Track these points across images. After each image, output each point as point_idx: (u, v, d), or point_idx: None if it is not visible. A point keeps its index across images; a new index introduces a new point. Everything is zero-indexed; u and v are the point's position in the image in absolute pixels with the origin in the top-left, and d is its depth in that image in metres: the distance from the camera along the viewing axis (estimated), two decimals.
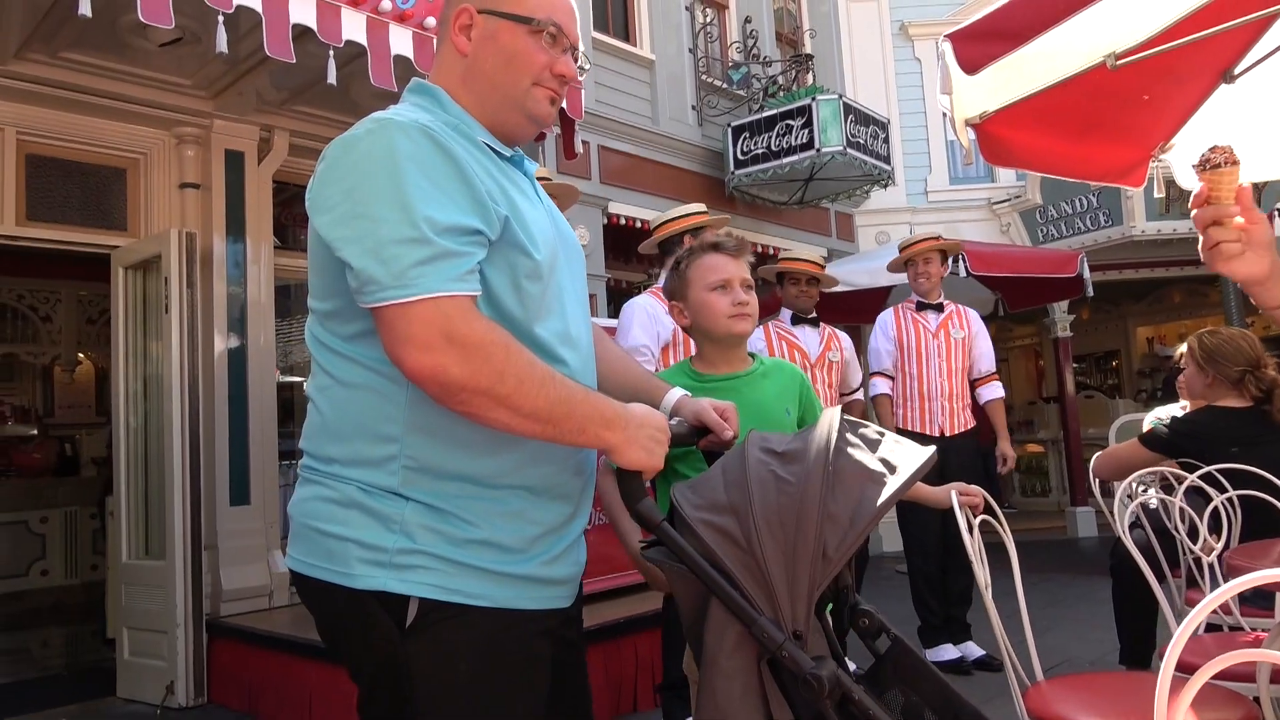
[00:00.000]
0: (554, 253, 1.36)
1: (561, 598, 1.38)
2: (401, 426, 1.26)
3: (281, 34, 3.26)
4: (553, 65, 1.39)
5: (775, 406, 2.00)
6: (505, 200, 1.29)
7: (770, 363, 2.11)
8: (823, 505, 1.27)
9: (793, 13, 9.26)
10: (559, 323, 1.36)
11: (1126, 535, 2.53)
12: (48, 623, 6.57)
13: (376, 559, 1.24)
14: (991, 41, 2.38)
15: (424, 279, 1.17)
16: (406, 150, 1.22)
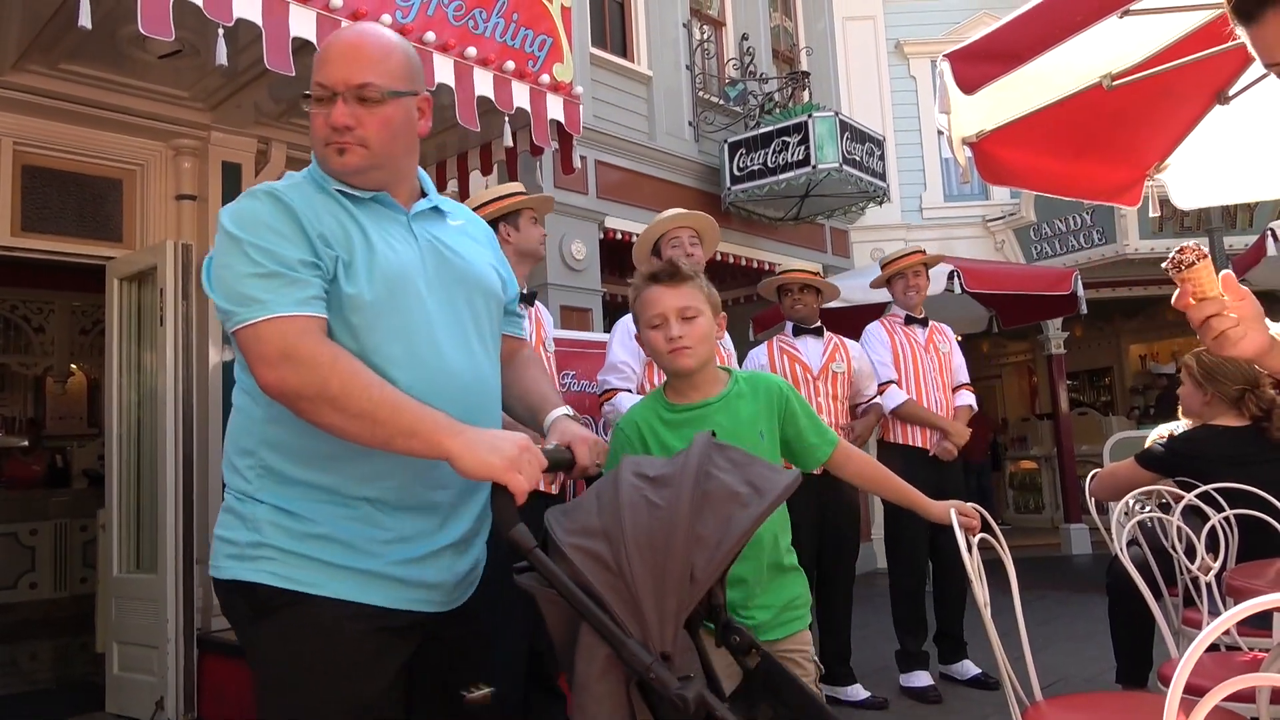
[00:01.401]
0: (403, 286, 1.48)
1: (426, 601, 1.50)
2: (256, 440, 1.48)
3: (281, 46, 3.26)
4: (328, 120, 1.47)
5: (748, 430, 1.94)
6: (344, 241, 1.46)
7: (748, 381, 2.03)
8: (690, 528, 1.31)
9: (789, 30, 9.32)
10: (397, 348, 1.47)
11: (1124, 553, 2.53)
12: (37, 636, 6.51)
13: (233, 553, 1.45)
14: (990, 62, 2.39)
15: (266, 303, 1.37)
16: (249, 211, 1.44)
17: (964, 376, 4.57)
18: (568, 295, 6.33)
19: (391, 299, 1.47)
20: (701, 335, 1.92)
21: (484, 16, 3.96)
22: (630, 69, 7.34)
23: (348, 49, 1.50)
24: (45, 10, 3.55)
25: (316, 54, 1.53)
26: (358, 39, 1.52)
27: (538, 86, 4.17)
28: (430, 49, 3.71)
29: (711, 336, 1.96)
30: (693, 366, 1.94)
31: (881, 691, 4.22)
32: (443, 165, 5.21)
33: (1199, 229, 7.69)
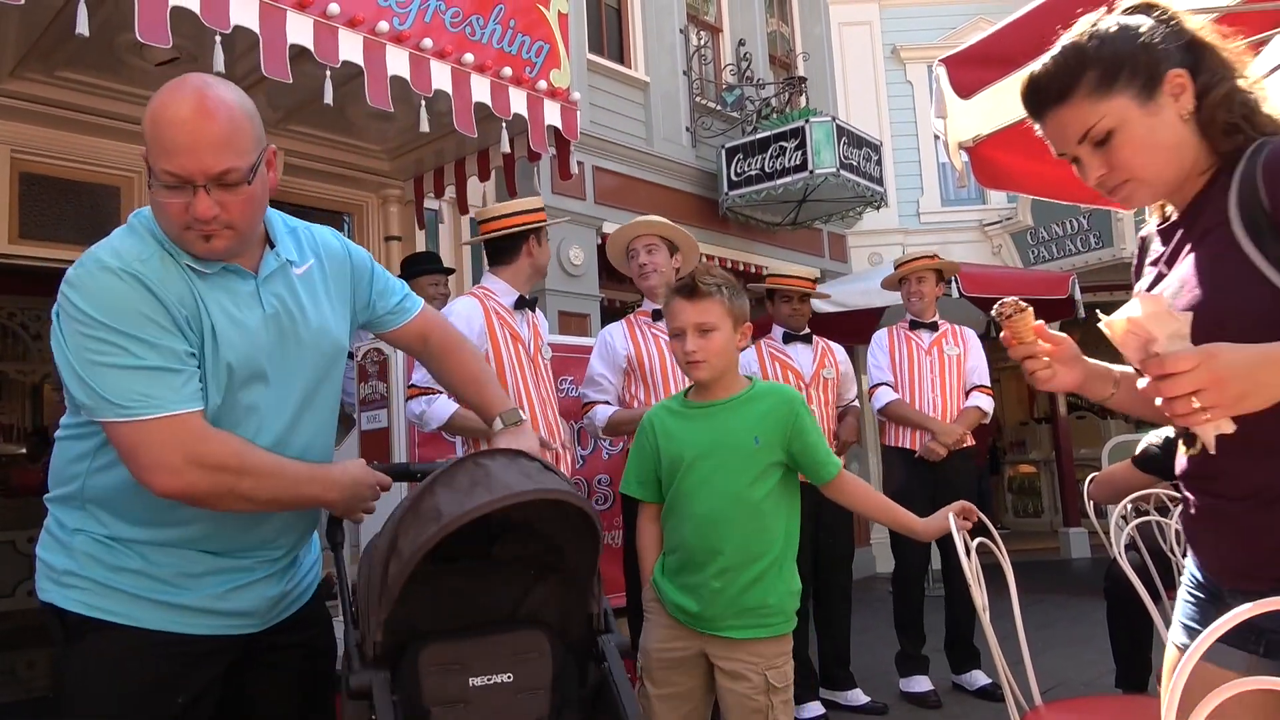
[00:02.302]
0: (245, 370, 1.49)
1: (238, 626, 1.56)
2: (81, 483, 1.49)
3: (279, 54, 3.27)
4: (190, 210, 1.40)
5: (742, 434, 2.06)
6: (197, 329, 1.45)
7: (763, 389, 2.14)
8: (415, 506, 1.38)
9: (786, 36, 9.34)
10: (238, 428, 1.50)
11: (1122, 556, 2.53)
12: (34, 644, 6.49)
13: (52, 577, 1.49)
14: (985, 66, 2.40)
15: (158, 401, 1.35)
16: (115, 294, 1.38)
17: (979, 379, 4.50)
18: (566, 301, 6.34)
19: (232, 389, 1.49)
20: (717, 349, 2.06)
21: (481, 23, 3.97)
22: (627, 75, 7.35)
23: (198, 134, 1.38)
24: (43, 17, 3.56)
25: (155, 132, 1.42)
26: (209, 122, 1.39)
27: (535, 92, 4.18)
28: (427, 55, 3.72)
29: (729, 349, 2.08)
30: (705, 378, 2.10)
31: (882, 696, 4.21)
32: (440, 171, 5.22)
33: None
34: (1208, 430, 1.00)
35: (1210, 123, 1.24)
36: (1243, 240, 1.17)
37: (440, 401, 2.90)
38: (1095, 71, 1.24)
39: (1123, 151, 1.24)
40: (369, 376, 3.69)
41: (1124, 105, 1.23)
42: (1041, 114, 1.30)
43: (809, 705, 3.92)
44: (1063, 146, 1.30)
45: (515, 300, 3.12)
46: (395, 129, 4.84)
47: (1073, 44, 1.28)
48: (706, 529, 2.06)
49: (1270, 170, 1.15)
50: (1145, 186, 1.27)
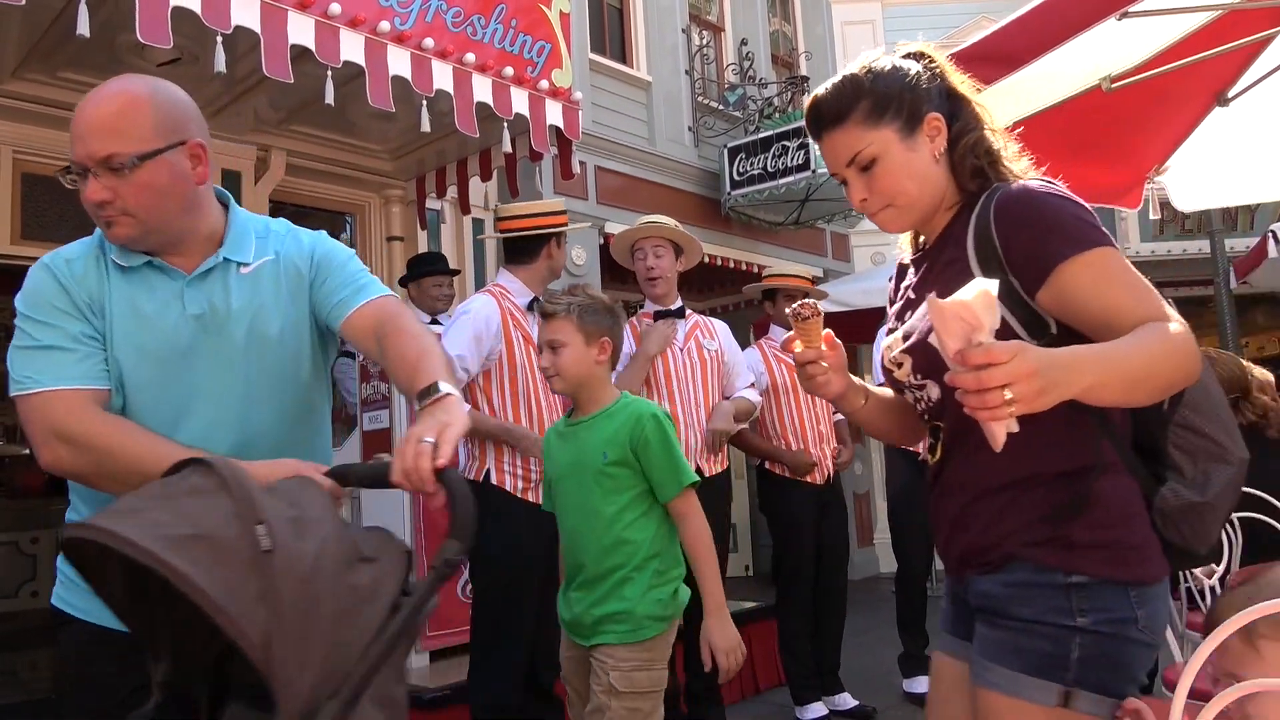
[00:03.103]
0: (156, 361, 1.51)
1: None
2: None
3: (280, 54, 3.26)
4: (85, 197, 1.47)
5: (594, 451, 2.17)
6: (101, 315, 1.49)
7: (621, 406, 2.23)
8: None
9: (788, 35, 9.33)
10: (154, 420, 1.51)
11: None
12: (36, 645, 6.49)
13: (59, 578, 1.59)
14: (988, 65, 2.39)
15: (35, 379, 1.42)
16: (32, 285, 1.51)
17: None
18: None
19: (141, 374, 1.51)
20: (566, 364, 2.18)
21: (483, 23, 3.96)
22: (629, 74, 7.34)
23: (90, 121, 1.44)
24: (44, 18, 3.56)
25: None
26: (98, 108, 1.45)
27: (536, 92, 4.17)
28: (429, 55, 3.71)
29: (581, 363, 2.19)
30: (560, 390, 2.26)
31: (885, 697, 4.20)
32: (442, 172, 5.21)
33: (1200, 231, 7.69)
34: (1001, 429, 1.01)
35: (960, 165, 1.40)
36: (977, 274, 1.29)
37: None
38: (867, 102, 1.36)
39: (883, 179, 1.37)
40: (370, 377, 3.69)
41: (888, 137, 1.36)
42: (820, 133, 1.42)
43: (812, 706, 3.91)
44: (834, 166, 1.43)
45: (529, 301, 3.11)
46: (397, 129, 4.84)
47: (852, 75, 1.40)
48: (571, 543, 2.23)
49: (1000, 214, 1.30)
50: (900, 214, 1.41)
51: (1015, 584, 1.26)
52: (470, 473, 2.91)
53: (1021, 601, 1.24)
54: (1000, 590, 1.27)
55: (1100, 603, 1.21)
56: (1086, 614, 1.20)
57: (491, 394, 3.00)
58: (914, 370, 1.41)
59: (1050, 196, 1.29)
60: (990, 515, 1.30)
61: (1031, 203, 1.29)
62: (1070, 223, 1.25)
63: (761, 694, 4.31)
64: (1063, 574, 1.22)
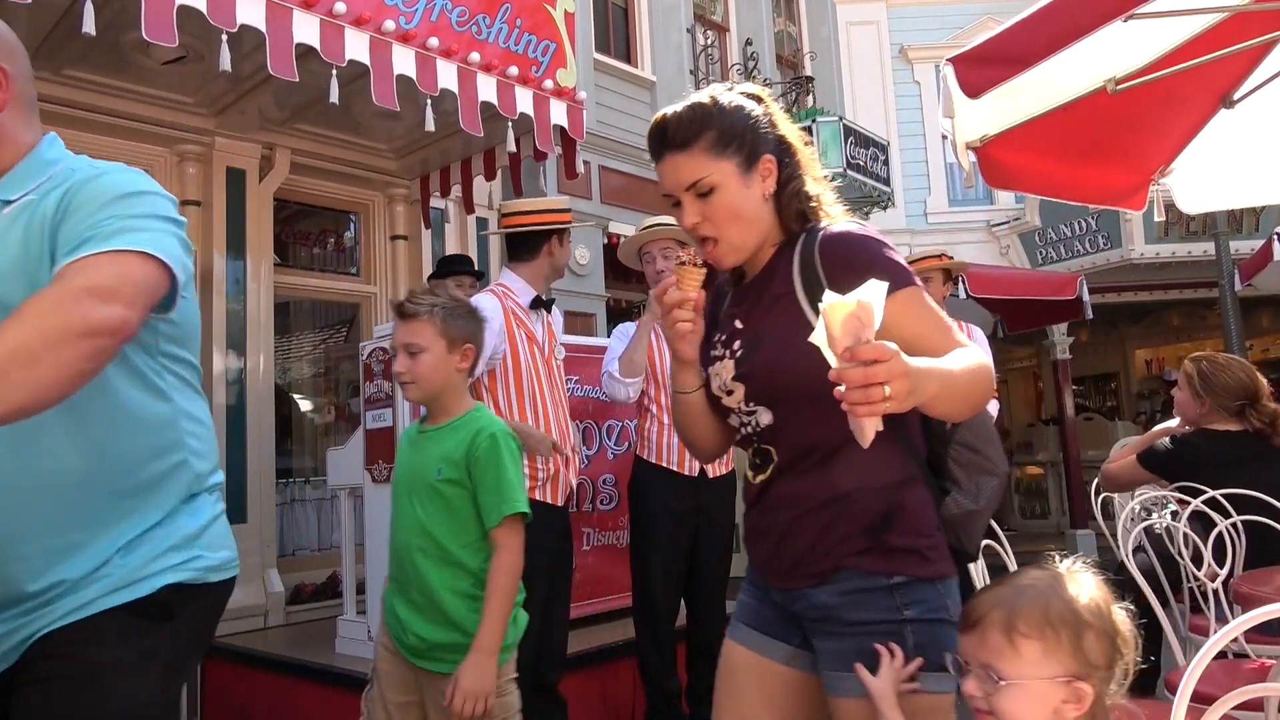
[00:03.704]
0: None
1: None
2: None
3: (285, 53, 3.27)
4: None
5: (432, 464, 2.05)
6: None
7: (469, 419, 2.08)
8: None
9: (793, 36, 9.32)
10: None
11: (1130, 559, 2.52)
12: None
13: None
14: (993, 66, 2.39)
15: None
16: None
17: None
18: (571, 301, 6.34)
19: None
20: (424, 371, 2.03)
21: (487, 22, 3.97)
22: (634, 74, 7.34)
23: None
24: (49, 17, 3.57)
25: None
26: None
27: (541, 92, 4.17)
28: (434, 55, 3.72)
29: (440, 370, 2.05)
30: (414, 398, 2.11)
31: None
32: (446, 171, 5.22)
33: (1205, 233, 7.67)
34: (872, 426, 1.07)
35: (787, 207, 1.49)
36: (805, 309, 1.41)
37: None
38: (714, 133, 1.43)
39: (719, 209, 1.43)
40: (374, 375, 3.69)
41: (729, 170, 1.43)
42: (662, 151, 1.47)
43: None
44: (671, 187, 1.47)
45: (532, 300, 3.11)
46: (401, 128, 4.85)
47: (703, 104, 1.45)
48: (399, 557, 2.08)
49: (825, 252, 1.41)
50: (732, 250, 1.47)
51: (848, 592, 1.39)
52: None
53: (856, 607, 1.38)
54: (836, 600, 1.40)
55: (919, 596, 1.38)
56: (910, 607, 1.37)
57: (497, 393, 3.00)
58: (746, 398, 1.47)
59: (868, 239, 1.43)
60: (819, 528, 1.42)
61: (853, 243, 1.42)
62: (888, 262, 1.39)
63: None
64: (885, 577, 1.38)
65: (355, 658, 3.67)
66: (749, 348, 1.47)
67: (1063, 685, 1.03)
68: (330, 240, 5.75)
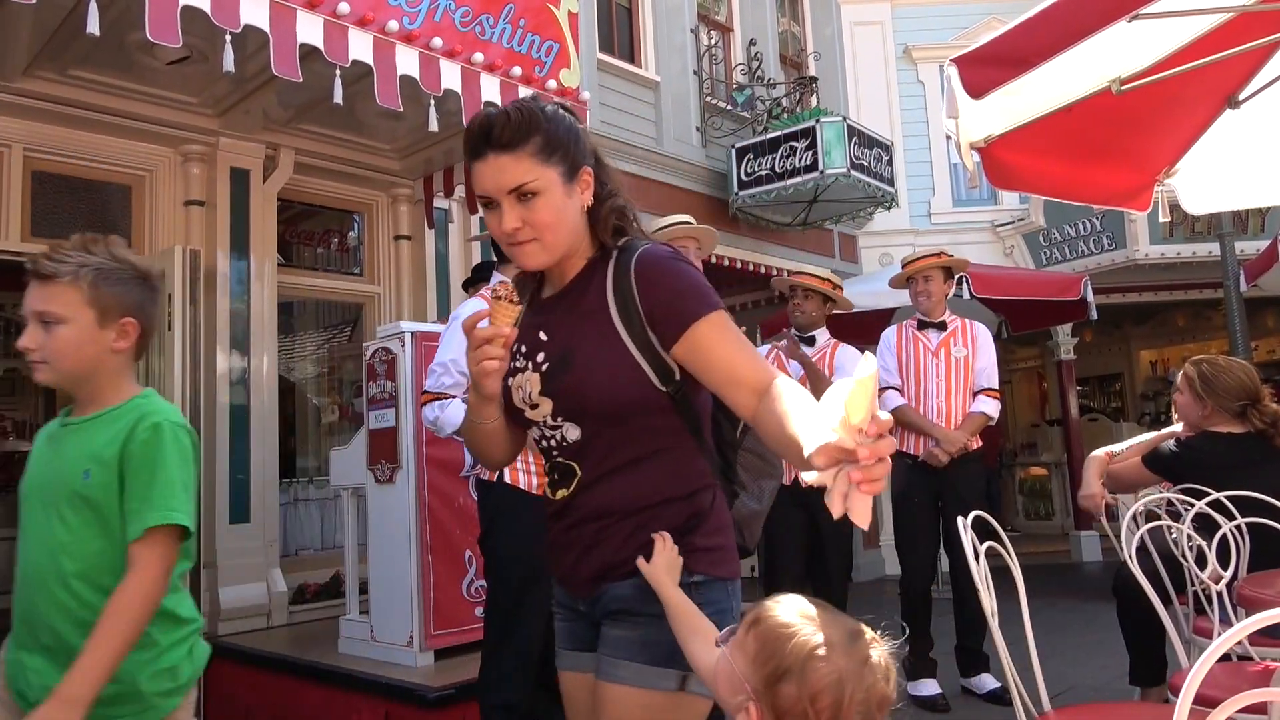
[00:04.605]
0: None
1: None
2: None
3: (288, 53, 3.27)
4: None
5: (77, 464, 1.61)
6: None
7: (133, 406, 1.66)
8: None
9: (797, 36, 9.31)
10: None
11: (1132, 560, 2.51)
12: None
13: None
14: (997, 66, 2.38)
15: None
16: None
17: (987, 381, 4.37)
18: None
19: None
20: (61, 348, 1.61)
21: (491, 22, 3.97)
22: (638, 74, 7.34)
23: None
24: (54, 17, 3.58)
25: None
26: None
27: (544, 92, 4.18)
28: (437, 54, 3.72)
29: (84, 349, 1.62)
30: (46, 381, 1.66)
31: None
32: (450, 171, 5.22)
33: (1210, 234, 7.65)
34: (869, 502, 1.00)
35: (602, 221, 1.48)
36: (619, 326, 1.42)
37: (454, 406, 2.84)
38: (541, 139, 1.40)
39: (541, 214, 1.40)
40: (377, 375, 3.69)
41: (554, 177, 1.41)
42: (484, 151, 1.41)
43: None
44: (491, 188, 1.41)
45: None
46: (405, 128, 4.85)
47: (530, 109, 1.42)
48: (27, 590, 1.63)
49: (641, 274, 1.42)
50: (545, 251, 1.44)
51: (648, 585, 1.41)
52: (484, 474, 2.90)
53: (653, 600, 1.39)
54: (634, 591, 1.42)
55: (712, 596, 1.42)
56: (704, 607, 1.38)
57: None
58: (554, 414, 1.47)
59: (681, 263, 1.45)
60: (627, 533, 1.44)
61: (668, 267, 1.43)
62: (700, 287, 1.42)
63: None
64: (687, 574, 1.41)
65: (358, 658, 3.68)
66: (558, 364, 1.46)
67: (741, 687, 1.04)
68: (334, 240, 5.75)
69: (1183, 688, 0.91)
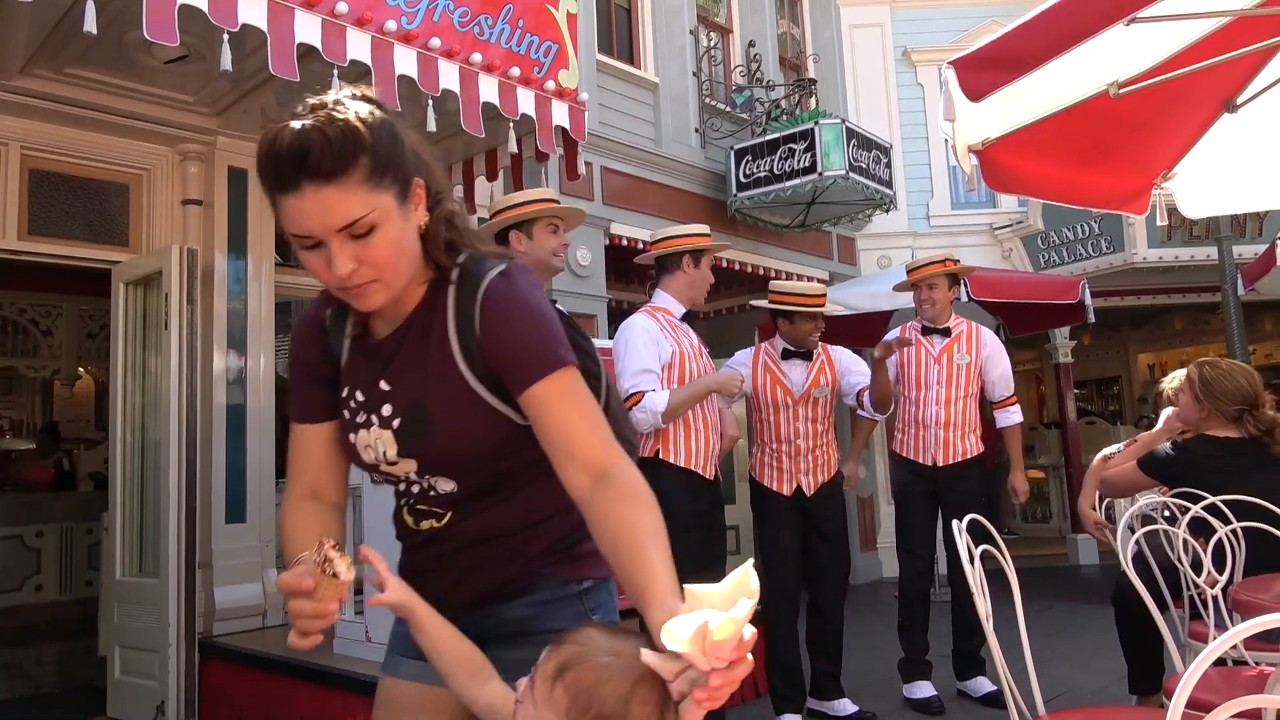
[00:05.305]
0: None
1: None
2: None
3: (286, 53, 3.27)
4: None
5: None
6: None
7: None
8: None
9: (796, 38, 9.32)
10: None
11: (1129, 565, 2.51)
12: (41, 639, 6.52)
13: None
14: (995, 69, 2.38)
15: None
16: None
17: (1002, 389, 4.39)
18: (573, 301, 6.33)
19: None
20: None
21: (489, 23, 3.96)
22: (637, 75, 7.34)
23: None
24: (51, 15, 3.57)
25: None
26: None
27: (542, 93, 4.17)
28: (435, 55, 3.72)
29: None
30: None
31: (886, 703, 4.18)
32: (449, 171, 5.21)
33: (1208, 237, 7.65)
34: None
35: (434, 237, 1.26)
36: (466, 371, 1.27)
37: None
38: (369, 159, 1.14)
39: (381, 250, 1.17)
40: None
41: (389, 204, 1.17)
42: (297, 184, 1.12)
43: (788, 717, 3.88)
44: (314, 228, 1.14)
45: None
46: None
47: (347, 121, 1.14)
48: None
49: (486, 318, 1.25)
50: (386, 290, 1.22)
51: (542, 602, 1.36)
52: None
53: (549, 617, 1.34)
54: (529, 612, 1.36)
55: (600, 599, 1.41)
56: (595, 611, 1.39)
57: None
58: (421, 471, 1.34)
59: (530, 301, 1.27)
60: (511, 552, 1.36)
61: (515, 310, 1.25)
62: (548, 339, 1.26)
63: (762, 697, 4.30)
64: (576, 584, 1.39)
65: (353, 658, 3.67)
66: (413, 421, 1.30)
67: None
68: None
69: (1176, 692, 0.91)
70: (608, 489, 1.18)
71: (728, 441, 3.63)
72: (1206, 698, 1.75)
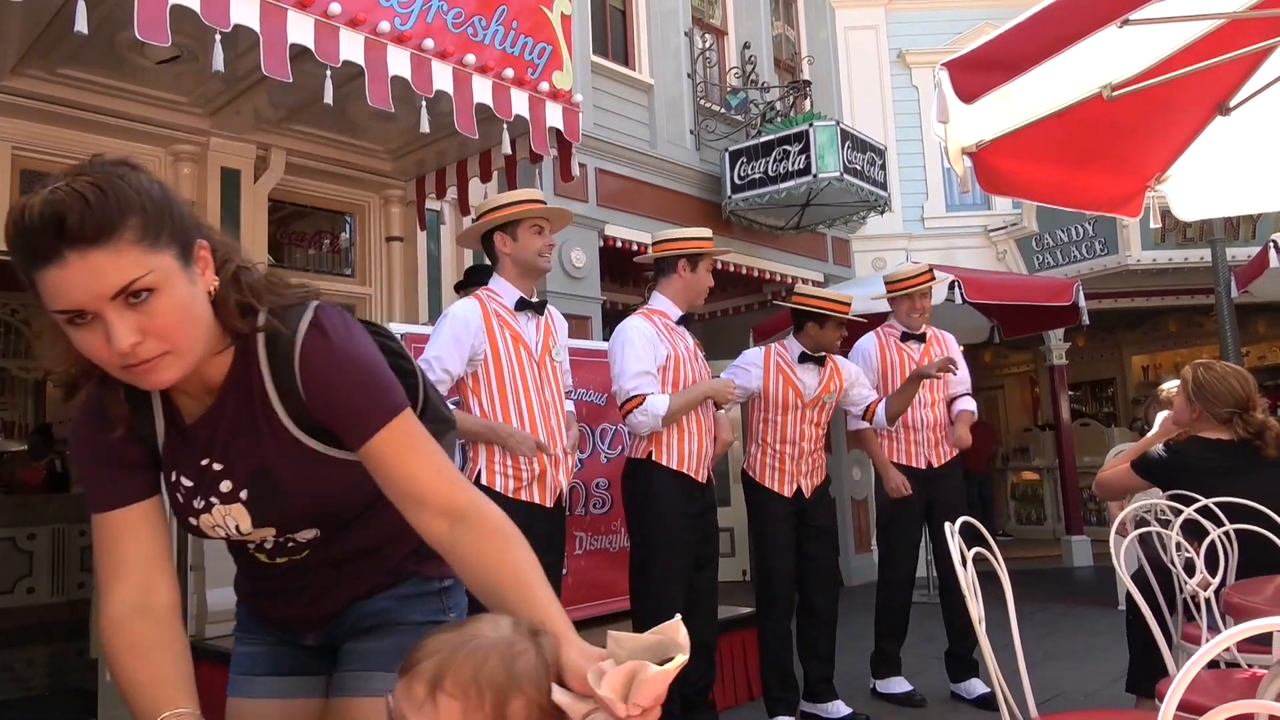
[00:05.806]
0: None
1: None
2: None
3: (279, 53, 3.26)
4: None
5: None
6: None
7: None
8: None
9: (791, 40, 9.33)
10: None
11: (1123, 570, 2.50)
12: (33, 642, 6.49)
13: None
14: (988, 71, 2.38)
15: None
16: None
17: (964, 387, 4.52)
18: (567, 303, 6.32)
19: None
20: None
21: (483, 24, 3.96)
22: (632, 77, 7.34)
23: None
24: (43, 15, 3.55)
25: None
26: None
27: (536, 94, 4.17)
28: (429, 56, 3.71)
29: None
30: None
31: (878, 705, 4.18)
32: (442, 172, 5.21)
33: (1201, 240, 7.67)
34: None
35: (224, 302, 1.17)
36: (301, 436, 1.24)
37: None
38: (140, 219, 1.04)
39: (167, 317, 1.06)
40: None
41: (170, 265, 1.06)
42: (58, 254, 1.00)
43: None
44: (82, 299, 1.02)
45: (516, 301, 3.10)
46: (397, 129, 4.83)
47: (109, 181, 1.05)
48: None
49: (308, 381, 1.20)
50: (180, 362, 1.11)
51: (405, 596, 1.42)
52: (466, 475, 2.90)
53: (408, 609, 1.41)
54: (391, 604, 1.41)
55: (457, 599, 1.47)
56: (452, 610, 1.45)
57: (480, 394, 3.00)
58: (282, 533, 1.32)
59: (348, 353, 1.21)
60: (376, 563, 1.41)
61: (337, 365, 1.20)
62: (375, 389, 1.21)
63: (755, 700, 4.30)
64: (438, 581, 1.44)
65: None
66: (263, 491, 1.26)
67: None
68: (325, 241, 5.73)
69: (1167, 694, 0.91)
70: (468, 530, 1.16)
71: (721, 446, 3.63)
72: (1199, 700, 1.75)
